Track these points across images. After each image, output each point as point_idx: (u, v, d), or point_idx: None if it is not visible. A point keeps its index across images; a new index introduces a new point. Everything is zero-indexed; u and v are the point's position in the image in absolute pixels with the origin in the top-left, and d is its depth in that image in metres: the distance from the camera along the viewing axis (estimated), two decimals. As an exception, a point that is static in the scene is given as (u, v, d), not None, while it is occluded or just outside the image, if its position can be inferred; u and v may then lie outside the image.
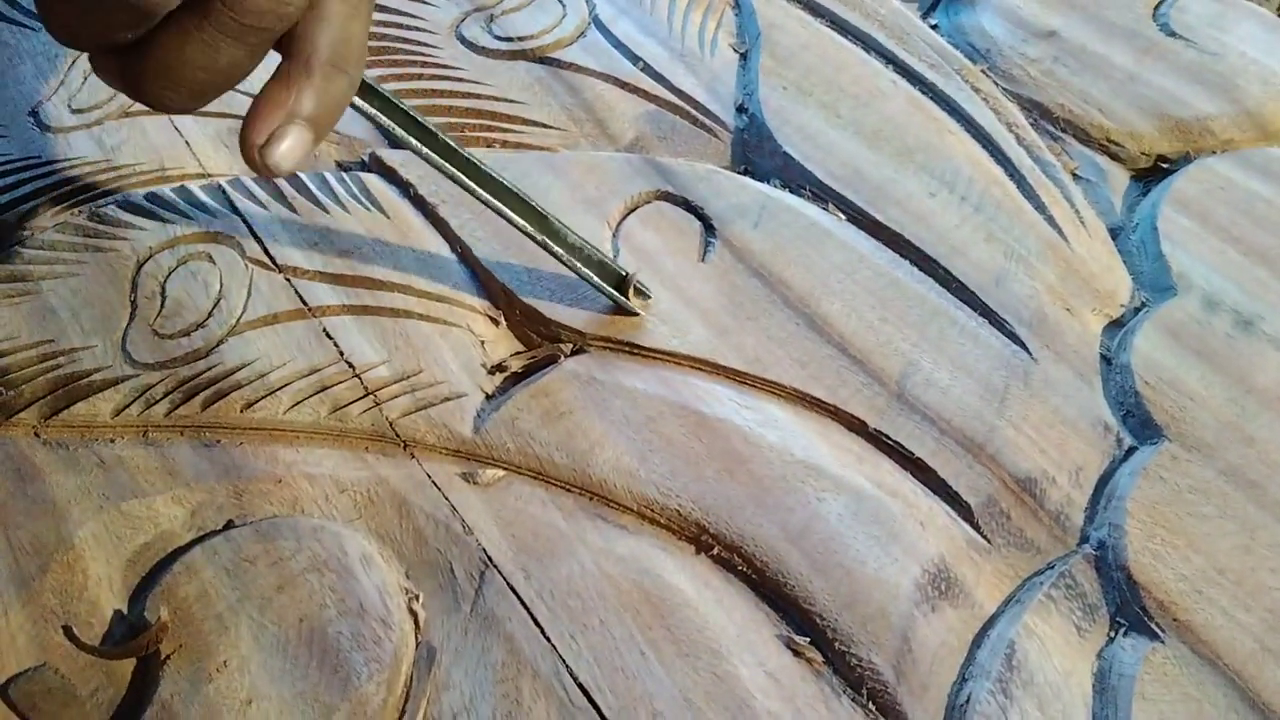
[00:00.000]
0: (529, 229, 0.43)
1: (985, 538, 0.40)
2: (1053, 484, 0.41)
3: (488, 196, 0.43)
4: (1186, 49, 0.55)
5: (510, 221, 0.43)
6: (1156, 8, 0.58)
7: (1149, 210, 0.49)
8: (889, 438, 0.42)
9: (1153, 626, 0.37)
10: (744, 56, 0.57)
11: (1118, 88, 0.54)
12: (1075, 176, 0.51)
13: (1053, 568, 0.39)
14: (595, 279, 0.44)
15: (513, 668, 0.37)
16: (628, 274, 0.45)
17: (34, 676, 0.38)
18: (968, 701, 0.36)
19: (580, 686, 0.37)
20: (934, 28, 0.59)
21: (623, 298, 0.45)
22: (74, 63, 0.59)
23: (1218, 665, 0.36)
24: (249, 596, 0.39)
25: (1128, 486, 0.40)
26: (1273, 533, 0.39)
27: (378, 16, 0.59)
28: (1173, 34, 0.56)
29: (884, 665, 0.37)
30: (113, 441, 0.44)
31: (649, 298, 0.46)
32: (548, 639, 0.38)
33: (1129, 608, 0.38)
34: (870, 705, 0.36)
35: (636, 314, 0.45)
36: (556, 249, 0.44)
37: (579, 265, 0.44)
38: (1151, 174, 0.52)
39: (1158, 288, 0.47)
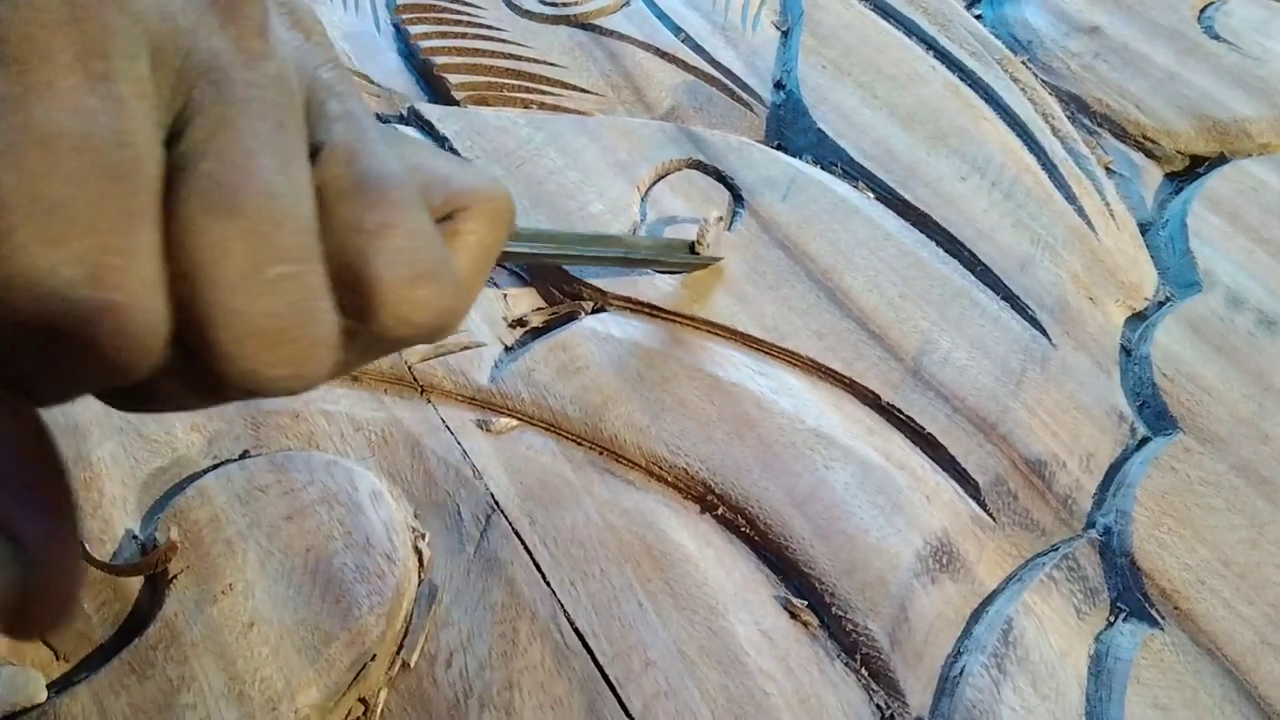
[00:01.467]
0: (611, 257, 0.43)
1: (991, 515, 0.39)
2: (1062, 468, 0.40)
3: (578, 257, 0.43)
4: (1230, 52, 0.55)
5: (597, 263, 0.44)
6: (1202, 10, 0.57)
7: (1180, 207, 0.48)
8: (901, 412, 0.42)
9: (1153, 613, 0.37)
10: (785, 33, 0.57)
11: (1157, 86, 0.53)
12: (1109, 171, 0.51)
13: (1056, 549, 0.39)
14: (676, 262, 0.44)
15: (511, 609, 0.37)
16: (695, 240, 0.44)
17: None
18: (961, 673, 0.35)
19: (576, 631, 0.37)
20: (978, 17, 0.58)
21: (699, 258, 0.44)
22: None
23: (1216, 655, 0.36)
24: (258, 524, 0.39)
25: (1138, 475, 0.40)
26: (1280, 529, 0.38)
27: (426, -25, 0.59)
28: (1216, 37, 0.56)
29: (879, 632, 0.36)
30: (137, 368, 0.45)
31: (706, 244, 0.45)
32: (548, 584, 0.38)
33: (1130, 593, 0.37)
34: (863, 670, 0.36)
35: (719, 258, 0.45)
36: (638, 261, 0.44)
37: (663, 264, 0.44)
38: (1185, 173, 0.51)
39: (1183, 283, 0.46)
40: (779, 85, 0.54)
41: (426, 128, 0.52)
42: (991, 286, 0.46)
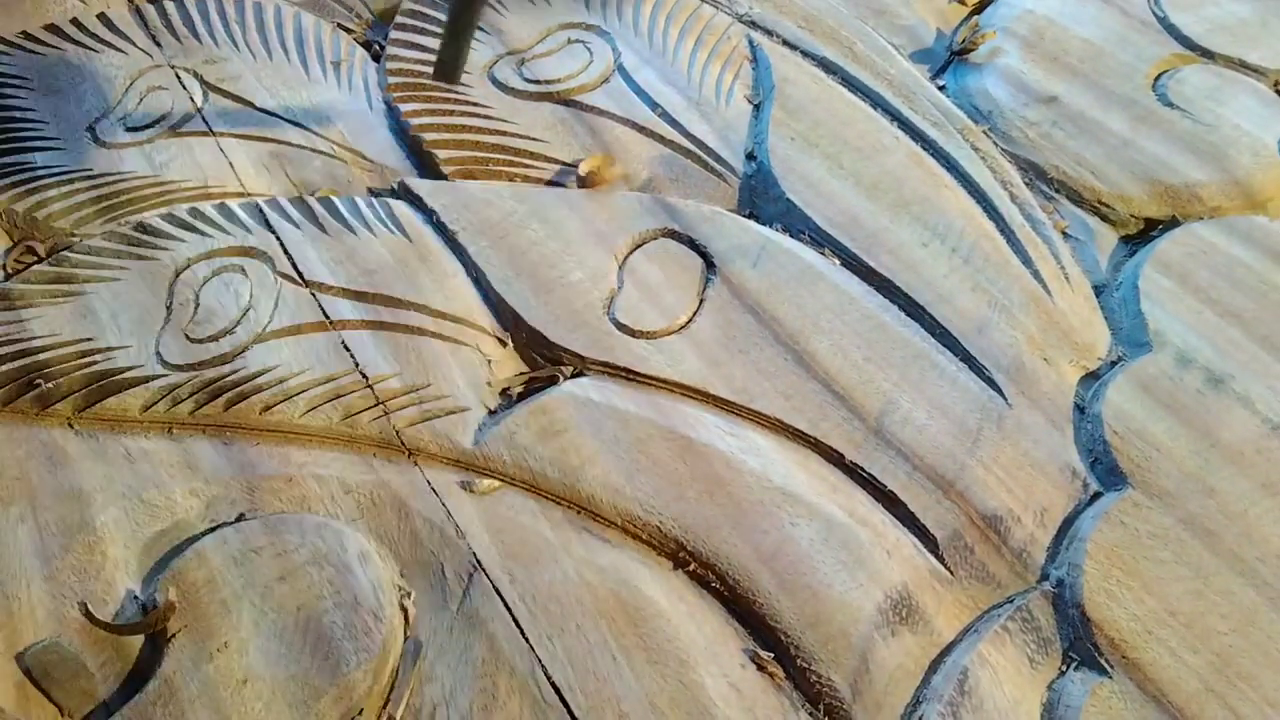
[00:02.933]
0: None
1: (949, 569, 0.41)
2: (1018, 522, 0.42)
3: None
4: (1182, 119, 0.56)
5: None
6: (1156, 79, 0.59)
7: (1132, 270, 0.50)
8: (864, 470, 0.43)
9: (1102, 662, 0.38)
10: (757, 107, 0.59)
11: (1112, 152, 0.55)
12: (1065, 235, 0.52)
13: (1011, 601, 0.40)
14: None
15: (492, 664, 0.39)
16: None
17: (48, 647, 0.40)
18: (919, 722, 0.37)
19: (554, 686, 0.38)
20: (941, 89, 0.60)
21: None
22: (130, 84, 0.62)
23: (1162, 702, 0.37)
24: (253, 584, 0.41)
25: (1089, 529, 0.41)
26: (1225, 580, 0.40)
27: (416, 55, 0.62)
28: (1170, 104, 0.57)
29: (841, 683, 0.38)
30: (140, 435, 0.47)
31: None
32: (526, 640, 0.39)
33: (1081, 643, 0.39)
34: (826, 720, 0.37)
35: None
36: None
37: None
38: (1139, 236, 0.53)
39: (1134, 343, 0.48)
40: (750, 156, 0.56)
41: (415, 200, 0.54)
42: (950, 348, 0.47)
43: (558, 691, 0.38)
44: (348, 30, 0.66)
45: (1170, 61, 0.60)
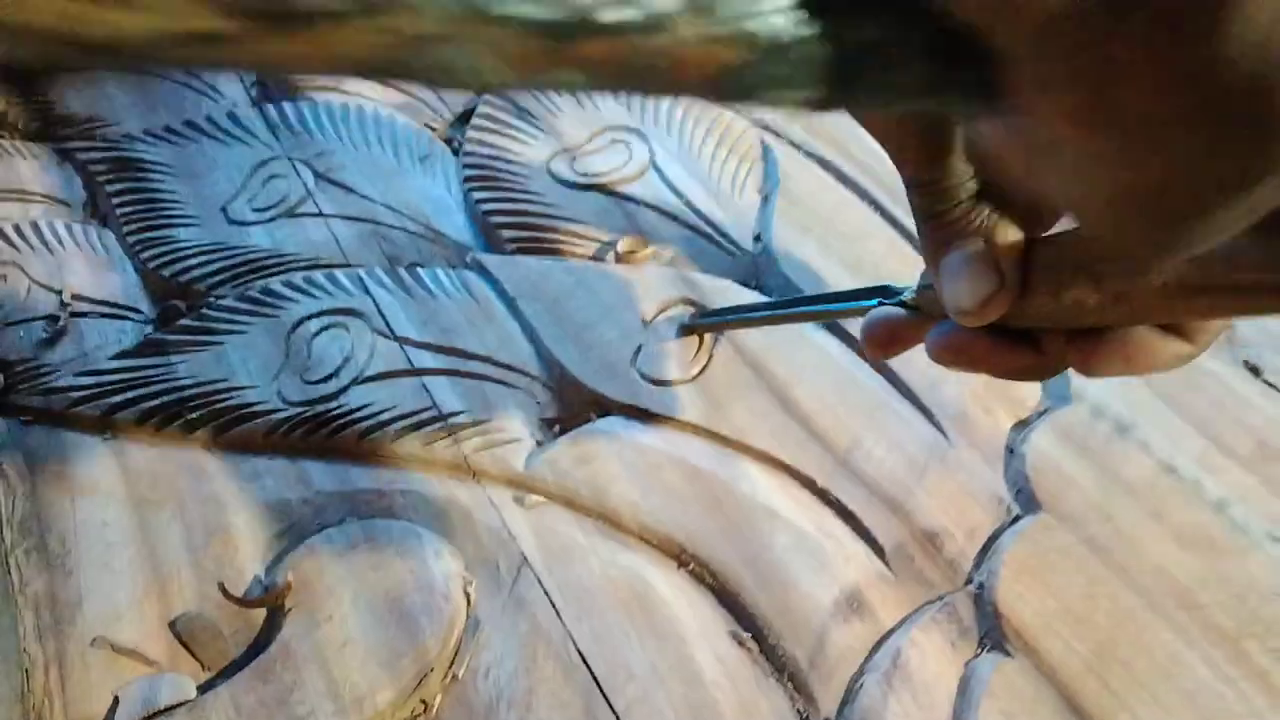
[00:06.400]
0: (802, 314, 0.50)
1: (893, 573, 0.49)
2: (951, 538, 0.50)
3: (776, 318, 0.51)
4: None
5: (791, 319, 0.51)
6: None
7: (1063, 338, 0.59)
8: (832, 494, 0.52)
9: (1008, 647, 0.46)
10: (765, 198, 0.67)
11: (1055, 240, 0.64)
12: (1012, 307, 0.61)
13: (942, 599, 0.48)
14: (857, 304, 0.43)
15: (533, 637, 0.48)
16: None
17: (194, 617, 0.49)
18: (860, 688, 0.45)
19: (580, 654, 0.47)
20: (920, 183, 0.69)
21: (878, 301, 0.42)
22: (254, 172, 0.73)
23: (1053, 680, 0.45)
24: (352, 572, 0.50)
25: (1008, 544, 0.49)
26: (1113, 587, 0.48)
27: (490, 153, 0.72)
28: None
29: (802, 658, 0.46)
30: (264, 457, 0.56)
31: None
32: (560, 619, 0.48)
33: (993, 633, 0.47)
34: (789, 684, 0.46)
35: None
36: (821, 311, 0.48)
37: (841, 309, 0.46)
38: None
39: (1059, 397, 0.56)
40: (757, 239, 0.65)
41: (485, 272, 0.64)
42: (908, 399, 0.56)
43: (583, 658, 0.47)
44: (432, 129, 0.76)
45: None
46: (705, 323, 0.57)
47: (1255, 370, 0.55)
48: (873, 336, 0.38)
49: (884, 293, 0.40)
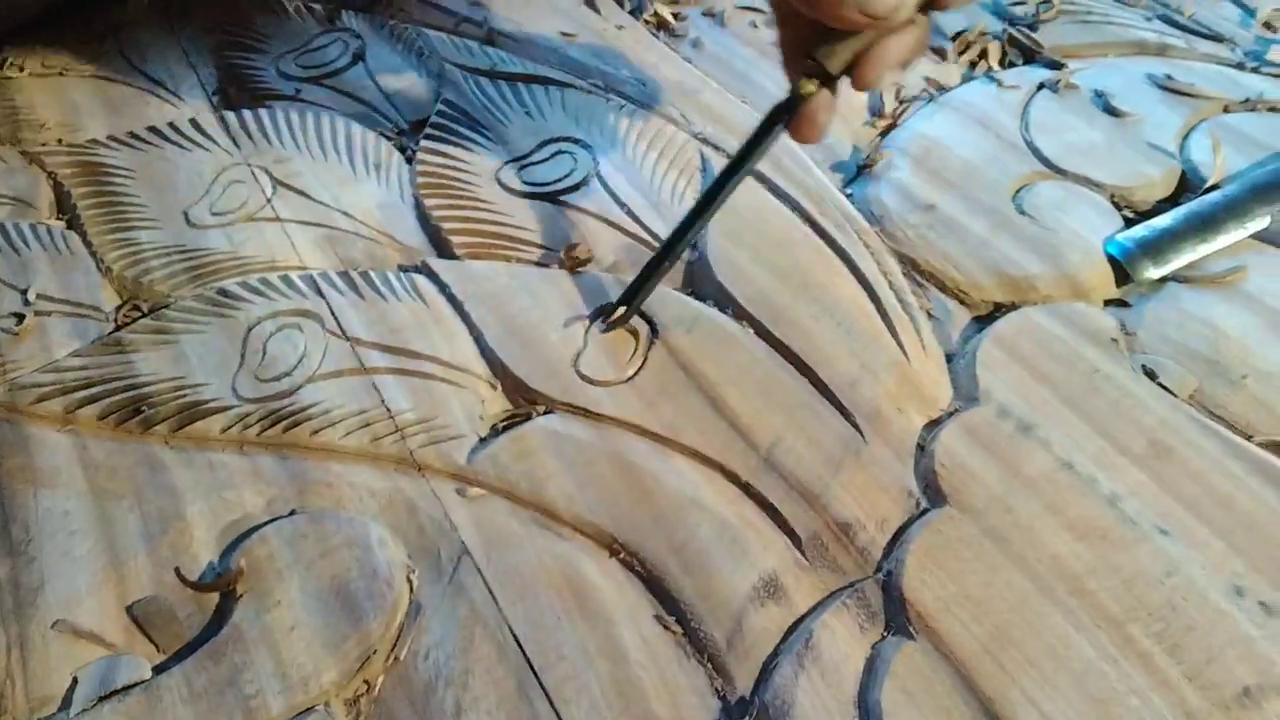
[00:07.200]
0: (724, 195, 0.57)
1: (808, 560, 0.52)
2: (863, 529, 0.53)
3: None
4: (1031, 225, 0.68)
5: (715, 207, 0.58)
6: (1016, 191, 0.71)
7: (976, 342, 0.61)
8: (754, 487, 0.54)
9: (911, 630, 0.49)
10: None
11: (972, 250, 0.66)
12: (930, 315, 0.64)
13: (853, 585, 0.51)
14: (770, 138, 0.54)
15: (471, 620, 0.50)
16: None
17: (150, 601, 0.51)
18: (774, 667, 0.48)
19: (514, 635, 0.50)
20: (849, 196, 0.72)
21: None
22: (215, 178, 0.75)
23: (950, 659, 0.48)
24: (300, 559, 0.52)
25: (915, 534, 0.52)
26: (1010, 574, 0.51)
27: (441, 161, 0.74)
28: (1023, 213, 0.69)
29: (721, 639, 0.49)
30: (219, 451, 0.58)
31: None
32: (497, 604, 0.51)
33: (898, 616, 0.50)
34: (708, 664, 0.49)
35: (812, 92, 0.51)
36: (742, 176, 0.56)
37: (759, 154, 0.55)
38: (989, 317, 0.63)
39: (968, 398, 0.59)
40: (694, 247, 0.68)
41: (434, 276, 0.66)
42: (828, 399, 0.58)
43: (517, 640, 0.49)
44: (387, 137, 0.79)
45: (1030, 177, 0.72)
46: (632, 297, 0.61)
47: (1151, 374, 0.59)
48: (810, 134, 0.53)
49: (781, 112, 0.53)
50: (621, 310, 0.61)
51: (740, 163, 0.56)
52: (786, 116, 0.52)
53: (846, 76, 0.49)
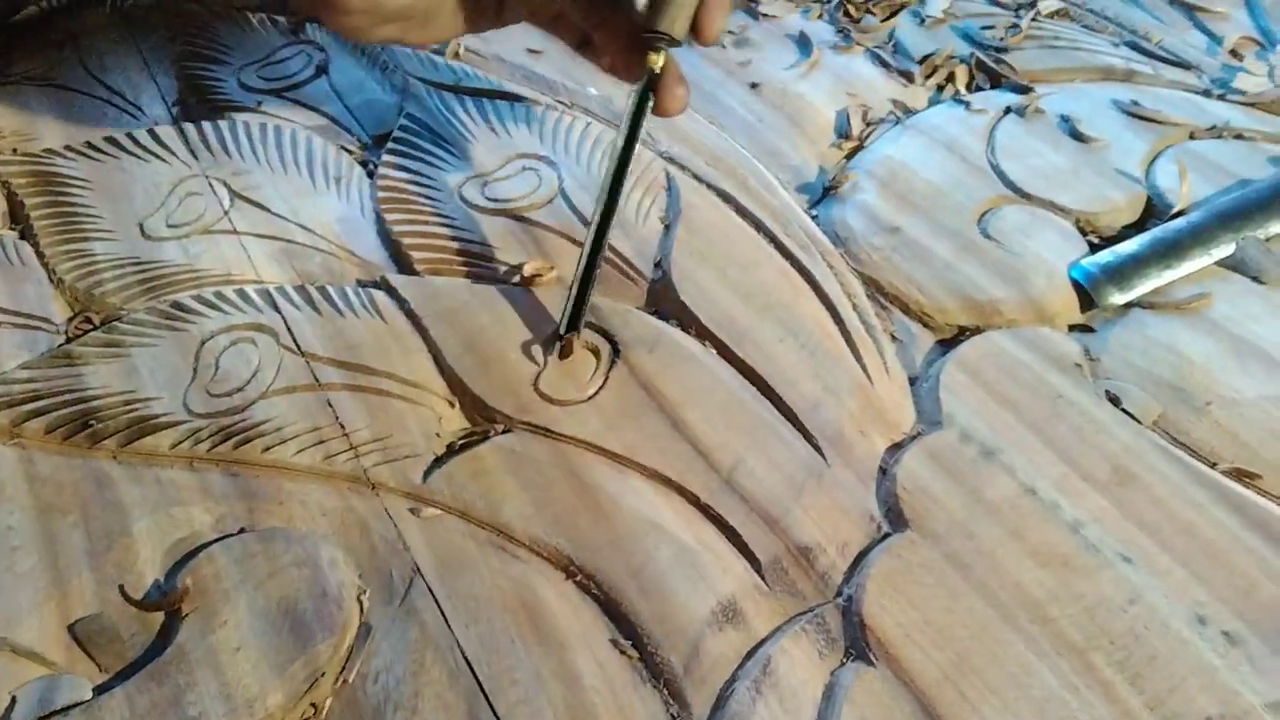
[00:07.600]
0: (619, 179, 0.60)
1: (768, 585, 0.51)
2: (824, 553, 0.52)
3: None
4: (995, 249, 0.68)
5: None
6: (981, 216, 0.71)
7: (939, 366, 0.61)
8: (714, 509, 0.53)
9: (870, 656, 0.48)
10: (667, 227, 0.69)
11: (936, 274, 0.66)
12: (893, 338, 0.63)
13: (812, 610, 0.50)
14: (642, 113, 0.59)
15: (422, 643, 0.49)
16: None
17: (93, 620, 0.50)
18: (731, 694, 0.47)
19: (466, 659, 0.48)
20: (814, 217, 0.72)
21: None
22: (173, 189, 0.74)
23: (910, 687, 0.47)
24: (248, 579, 0.51)
25: (876, 559, 0.52)
26: (971, 601, 0.50)
27: (403, 176, 0.73)
28: (988, 237, 0.69)
29: (678, 664, 0.48)
30: (168, 467, 0.57)
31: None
32: (449, 626, 0.50)
33: (858, 642, 0.49)
34: (664, 690, 0.48)
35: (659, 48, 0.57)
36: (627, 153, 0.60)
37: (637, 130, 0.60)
38: (953, 340, 0.63)
39: (931, 422, 0.58)
40: (658, 265, 0.67)
41: (392, 292, 0.65)
42: (790, 421, 0.58)
43: (468, 663, 0.48)
44: (349, 151, 0.78)
45: (995, 201, 0.72)
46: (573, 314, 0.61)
47: (1115, 400, 0.59)
48: (674, 104, 0.58)
49: (645, 98, 0.59)
50: (571, 336, 0.60)
51: (625, 162, 0.60)
52: (650, 98, 0.58)
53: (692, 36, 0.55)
